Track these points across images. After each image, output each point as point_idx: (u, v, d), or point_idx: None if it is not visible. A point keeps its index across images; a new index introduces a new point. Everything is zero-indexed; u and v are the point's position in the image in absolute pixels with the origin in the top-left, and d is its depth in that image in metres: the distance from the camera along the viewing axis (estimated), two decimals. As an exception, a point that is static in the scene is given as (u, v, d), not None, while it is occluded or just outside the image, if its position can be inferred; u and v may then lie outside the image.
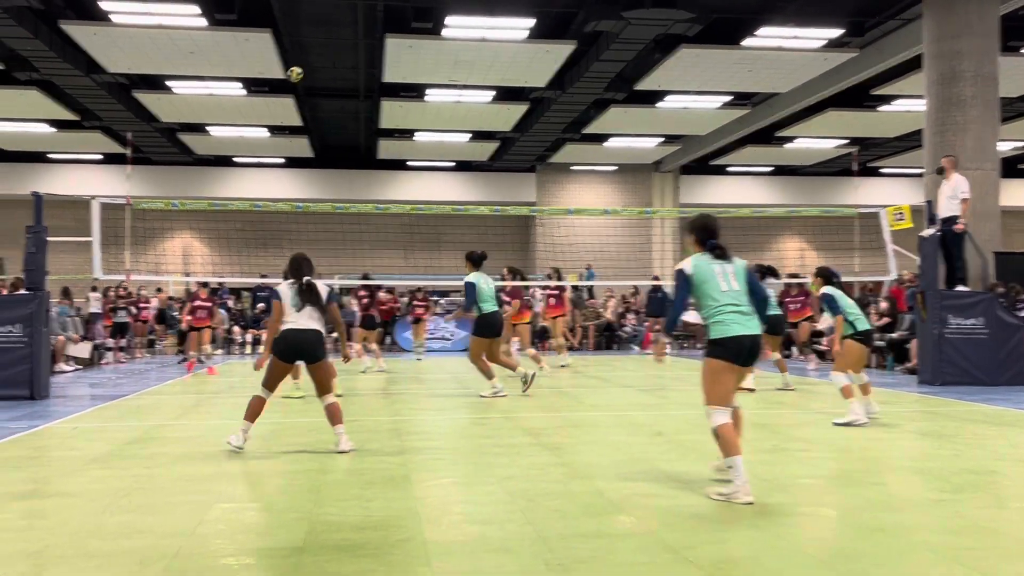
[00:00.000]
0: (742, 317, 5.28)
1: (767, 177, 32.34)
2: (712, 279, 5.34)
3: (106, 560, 4.01)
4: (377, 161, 29.35)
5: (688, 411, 9.57)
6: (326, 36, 17.94)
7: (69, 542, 4.33)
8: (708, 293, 5.34)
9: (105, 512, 4.95)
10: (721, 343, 5.27)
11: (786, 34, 17.00)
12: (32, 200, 11.78)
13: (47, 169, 28.61)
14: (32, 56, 17.97)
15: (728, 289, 5.33)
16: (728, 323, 5.25)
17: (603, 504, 5.11)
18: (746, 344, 5.26)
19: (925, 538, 4.37)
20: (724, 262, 5.41)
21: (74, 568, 3.92)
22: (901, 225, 14.09)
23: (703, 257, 5.44)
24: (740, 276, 5.41)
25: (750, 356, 5.33)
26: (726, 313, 5.28)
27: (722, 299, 5.30)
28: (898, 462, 6.57)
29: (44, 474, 6.21)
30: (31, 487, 5.69)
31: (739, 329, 5.24)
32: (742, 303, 5.32)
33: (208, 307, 16.18)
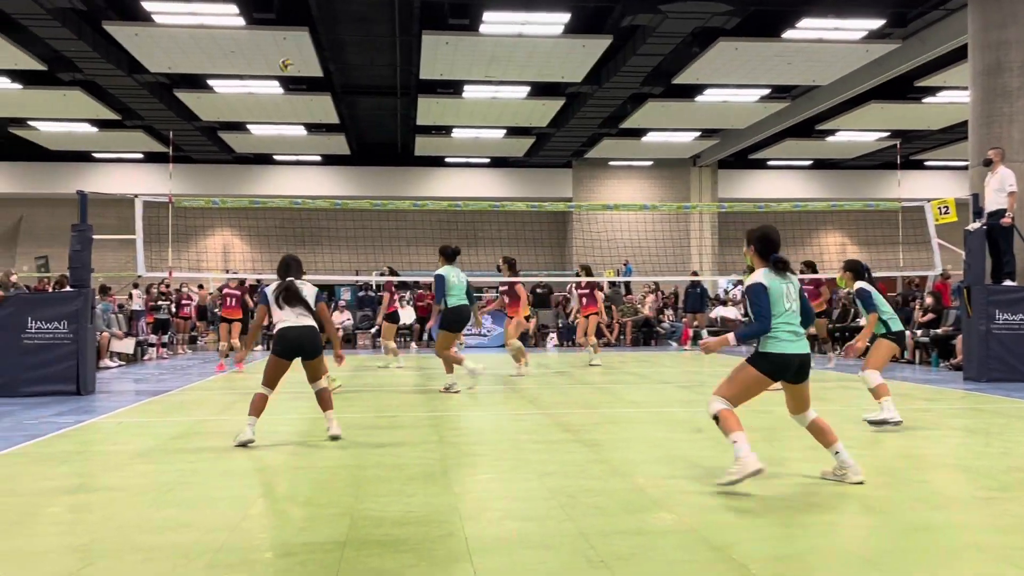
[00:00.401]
0: (794, 336, 5.38)
1: (807, 171, 31.98)
2: (780, 296, 5.40)
3: (152, 554, 4.07)
4: (414, 158, 29.48)
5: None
6: (363, 34, 18.03)
7: (115, 536, 4.40)
8: (773, 307, 5.37)
9: (150, 506, 5.01)
10: (768, 357, 5.36)
11: (827, 25, 16.78)
12: (76, 199, 11.98)
13: (90, 168, 29.13)
14: (75, 57, 18.29)
15: (789, 308, 5.40)
16: (781, 340, 5.35)
17: (643, 501, 5.08)
18: (794, 363, 5.36)
19: (973, 537, 4.29)
20: (786, 279, 5.46)
21: (120, 562, 3.98)
22: (946, 219, 13.84)
23: (771, 272, 5.45)
24: (795, 293, 5.47)
25: (797, 374, 5.42)
26: (781, 331, 5.36)
27: (782, 316, 5.37)
28: (944, 460, 6.46)
29: (90, 468, 6.32)
30: (78, 481, 5.79)
31: (790, 348, 5.34)
32: (795, 322, 5.41)
33: (237, 295, 15.89)
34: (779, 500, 5.06)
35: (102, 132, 25.26)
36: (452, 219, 28.43)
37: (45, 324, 11.09)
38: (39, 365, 10.99)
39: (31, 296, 13.04)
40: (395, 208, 14.66)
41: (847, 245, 32.43)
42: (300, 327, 7.20)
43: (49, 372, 11.00)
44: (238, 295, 15.87)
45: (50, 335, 11.09)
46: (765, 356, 5.36)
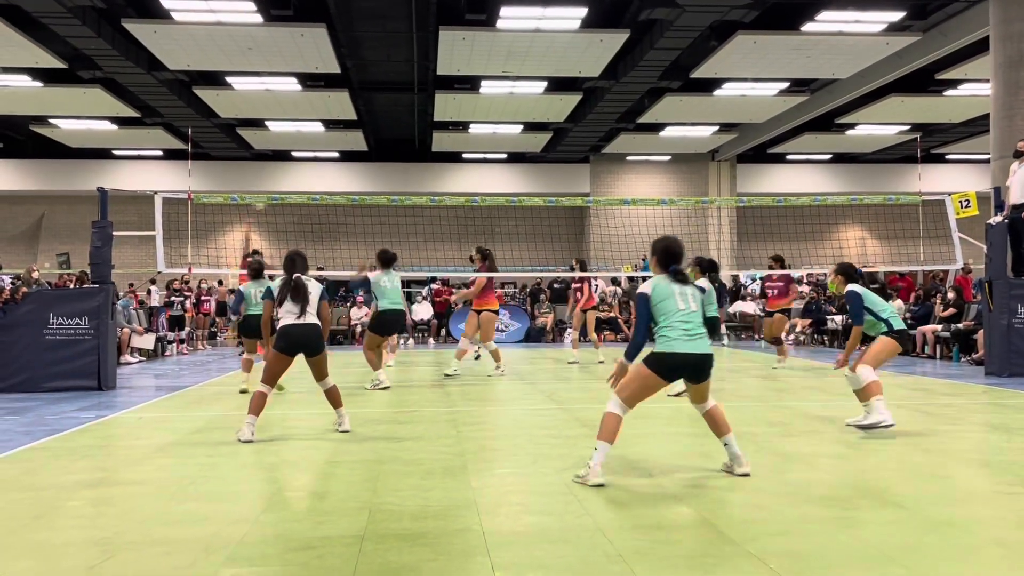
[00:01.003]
0: (688, 336, 5.44)
1: (827, 165, 31.77)
2: (671, 298, 5.53)
3: (172, 547, 4.10)
4: (431, 154, 29.52)
5: (744, 403, 9.46)
6: (380, 30, 18.06)
7: (136, 529, 4.43)
8: (665, 310, 5.50)
9: (171, 500, 5.05)
10: (661, 358, 5.44)
11: (846, 18, 16.64)
12: (96, 196, 12.08)
13: (110, 165, 29.35)
14: (95, 54, 18.42)
15: (684, 308, 5.49)
16: (673, 339, 5.42)
17: (661, 495, 5.07)
18: (689, 362, 5.43)
19: (995, 533, 4.25)
20: (683, 284, 5.60)
21: (141, 554, 4.01)
22: (967, 212, 13.72)
23: (664, 279, 5.62)
24: (697, 298, 5.62)
25: (695, 374, 5.50)
26: (676, 331, 5.44)
27: (675, 315, 5.47)
28: (965, 455, 6.40)
29: (112, 463, 6.37)
30: (99, 475, 5.84)
31: (684, 347, 5.41)
32: (693, 321, 5.49)
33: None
34: (798, 495, 5.04)
35: (122, 129, 25.45)
36: (469, 215, 28.47)
37: (66, 320, 11.19)
38: (60, 361, 11.09)
39: (52, 292, 13.16)
40: (412, 204, 14.71)
41: (867, 239, 32.22)
42: (304, 324, 7.24)
43: (70, 367, 11.10)
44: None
45: (71, 331, 11.18)
46: (658, 357, 5.44)
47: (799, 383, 11.87)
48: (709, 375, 5.58)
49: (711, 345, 5.59)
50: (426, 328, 23.21)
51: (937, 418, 8.22)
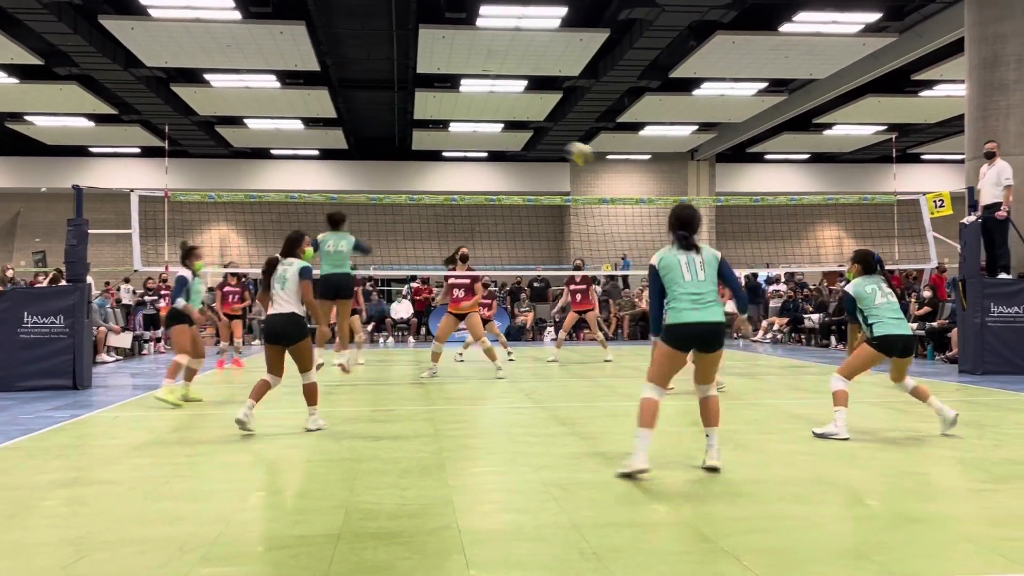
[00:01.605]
0: (696, 305, 5.43)
1: (804, 164, 31.98)
2: (676, 268, 5.53)
3: (147, 546, 4.08)
4: (411, 152, 29.46)
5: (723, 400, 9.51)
6: (360, 27, 18.00)
7: (111, 528, 4.41)
8: (672, 281, 5.53)
9: (146, 499, 5.03)
10: (670, 329, 5.49)
11: (823, 19, 16.76)
12: (72, 193, 11.98)
13: (87, 163, 29.08)
14: (72, 51, 18.25)
15: (692, 279, 5.48)
16: (681, 310, 5.44)
17: (637, 493, 5.10)
18: (694, 331, 5.43)
19: (965, 529, 4.31)
20: (690, 252, 5.57)
21: (115, 554, 3.99)
22: (942, 212, 13.87)
23: (671, 249, 5.65)
24: (708, 266, 5.56)
25: (705, 343, 5.49)
26: (683, 301, 5.46)
27: (682, 286, 5.48)
28: (938, 452, 6.48)
29: (86, 462, 6.33)
30: (74, 475, 5.80)
31: (691, 316, 5.42)
32: (702, 291, 5.46)
33: (238, 292, 15.18)
34: (773, 493, 5.08)
35: (99, 127, 25.22)
36: (449, 213, 28.44)
37: (41, 319, 11.10)
38: (35, 359, 11.00)
39: (27, 290, 13.04)
40: (392, 202, 14.68)
41: (843, 239, 32.45)
42: (276, 315, 7.32)
43: (45, 366, 11.01)
44: (239, 291, 15.28)
45: (46, 329, 11.09)
46: (668, 328, 5.48)
47: (777, 381, 11.95)
48: (721, 345, 5.55)
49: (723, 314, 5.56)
50: (406, 327, 23.18)
51: (911, 415, 8.31)
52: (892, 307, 7.07)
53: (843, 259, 30.40)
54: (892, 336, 6.96)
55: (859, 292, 7.14)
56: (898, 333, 6.98)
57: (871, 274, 7.23)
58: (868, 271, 7.24)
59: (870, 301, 7.08)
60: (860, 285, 7.17)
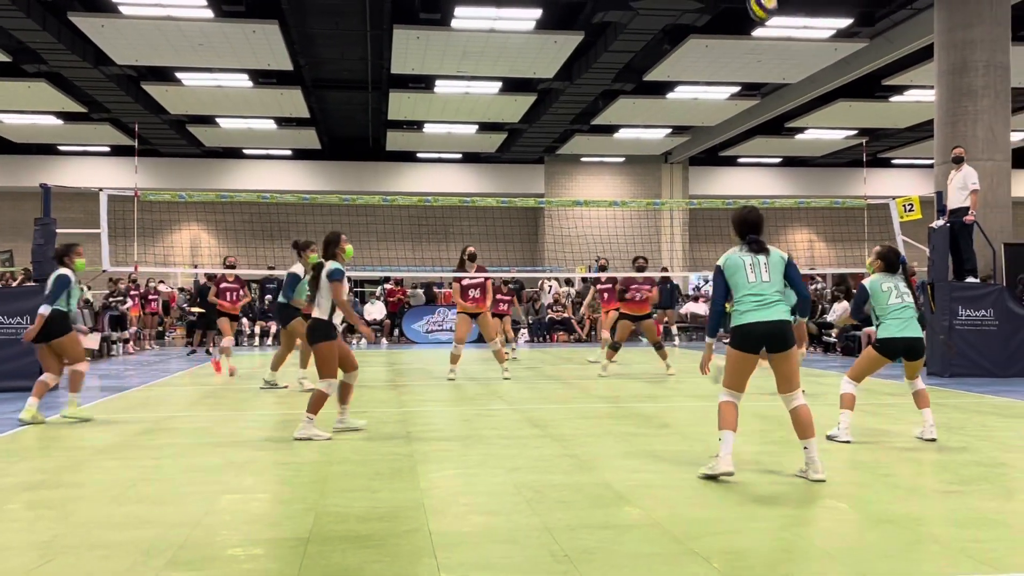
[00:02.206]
0: (759, 306, 5.42)
1: (776, 168, 32.25)
2: (741, 270, 5.53)
3: (112, 551, 4.02)
4: (385, 153, 29.36)
5: (695, 403, 9.56)
6: (334, 27, 17.92)
7: (76, 532, 4.34)
8: (737, 284, 5.54)
9: (112, 503, 4.96)
10: (736, 331, 5.48)
11: (796, 24, 16.91)
12: (40, 192, 11.81)
13: (55, 161, 28.71)
14: (40, 48, 18.01)
15: (756, 280, 5.48)
16: (744, 312, 5.44)
17: (610, 495, 5.10)
18: (758, 330, 5.39)
19: (933, 530, 4.35)
20: (757, 254, 5.57)
21: (80, 559, 3.93)
22: (911, 216, 14.01)
23: (737, 251, 5.66)
24: (773, 268, 5.55)
25: (771, 344, 5.43)
26: (746, 303, 5.46)
27: (747, 289, 5.48)
28: (907, 454, 6.54)
29: (52, 465, 6.23)
30: (39, 478, 5.71)
31: (753, 317, 5.39)
32: (765, 292, 5.45)
33: (236, 289, 14.01)
34: (744, 494, 5.10)
35: (68, 125, 24.91)
36: (423, 214, 28.38)
37: (7, 319, 10.95)
38: (1, 360, 10.82)
39: (-7, 291, 12.83)
40: (365, 203, 14.59)
41: (815, 242, 32.75)
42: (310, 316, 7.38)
43: (12, 368, 10.84)
44: (237, 288, 14.03)
45: (12, 330, 10.94)
46: (734, 331, 5.48)
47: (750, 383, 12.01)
48: (791, 345, 5.46)
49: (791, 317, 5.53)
50: (379, 328, 23.09)
51: (880, 417, 8.39)
52: (903, 309, 7.02)
53: (814, 262, 30.71)
54: (893, 339, 6.97)
55: (874, 288, 7.12)
56: (900, 336, 6.96)
57: (892, 273, 7.20)
58: (890, 270, 7.20)
59: (883, 300, 7.07)
60: (877, 282, 7.15)
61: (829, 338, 18.25)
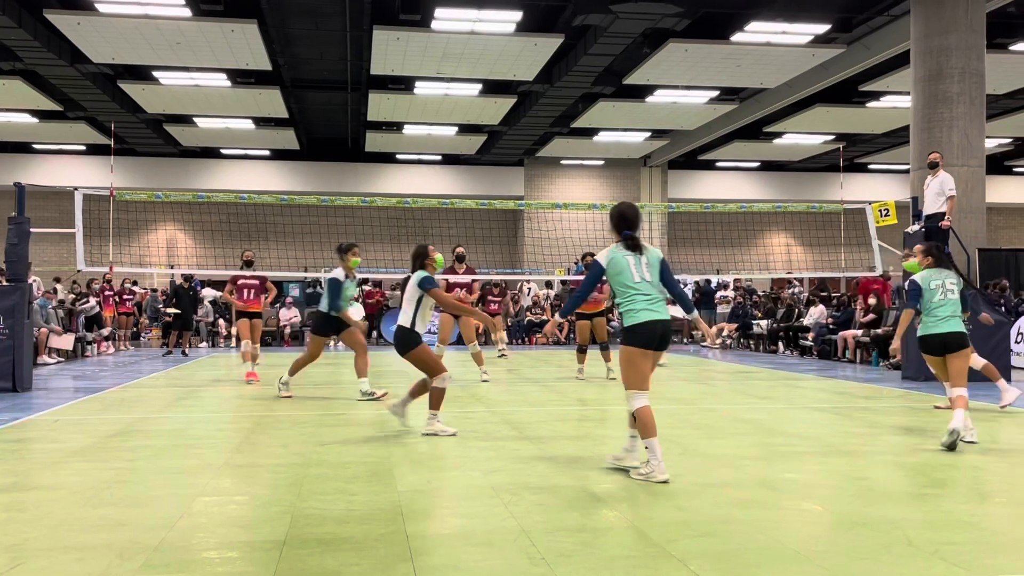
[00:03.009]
0: (651, 304, 5.59)
1: (754, 172, 32.45)
2: (626, 270, 5.65)
3: (85, 553, 3.98)
4: (364, 154, 29.28)
5: (671, 406, 9.59)
6: (313, 27, 17.85)
7: (49, 535, 4.30)
8: (623, 283, 5.65)
9: (86, 505, 4.91)
10: (634, 330, 5.59)
11: (774, 29, 17.04)
12: (14, 191, 11.68)
13: (30, 160, 28.41)
14: (15, 45, 17.82)
15: (641, 280, 5.63)
16: (639, 311, 5.57)
17: (587, 498, 5.11)
18: (658, 329, 5.58)
19: (906, 532, 4.38)
20: (638, 253, 5.71)
21: (53, 561, 3.88)
22: (886, 221, 14.14)
23: (619, 248, 5.75)
24: (652, 267, 5.71)
25: (662, 341, 5.63)
26: (638, 303, 5.59)
27: (635, 289, 5.61)
28: (881, 457, 6.59)
29: (25, 467, 6.16)
30: (11, 480, 5.64)
31: (649, 316, 5.56)
32: (650, 293, 5.63)
33: (256, 286, 12.61)
34: (720, 497, 5.13)
35: (43, 123, 24.66)
36: (402, 216, 28.33)
37: (-20, 319, 10.80)
38: (-27, 361, 10.70)
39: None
40: (344, 204, 14.55)
41: (792, 246, 32.99)
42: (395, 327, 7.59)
43: (-15, 368, 10.72)
44: (258, 285, 12.65)
45: (-14, 330, 10.80)
46: (631, 330, 5.59)
47: (726, 387, 12.08)
48: (668, 343, 5.72)
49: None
50: (357, 330, 22.97)
51: (856, 421, 8.45)
52: (943, 306, 7.25)
53: (791, 266, 30.92)
54: (928, 336, 7.28)
55: (925, 285, 7.32)
56: (934, 332, 7.22)
57: (941, 267, 7.43)
58: (939, 264, 7.38)
59: (929, 297, 7.29)
60: (927, 278, 7.32)
61: (806, 341, 18.38)
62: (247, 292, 12.54)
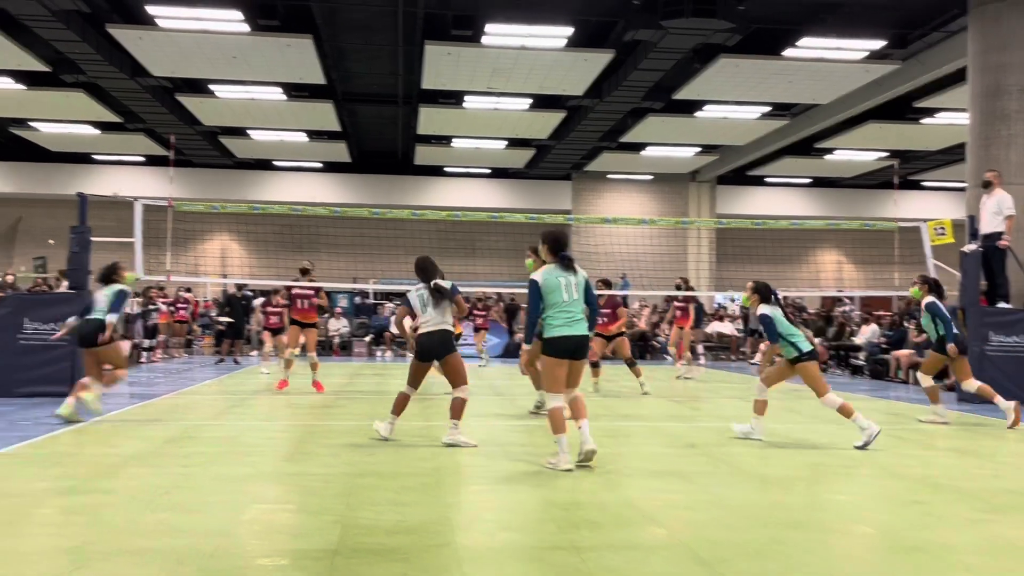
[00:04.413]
0: (571, 321, 6.44)
1: (805, 188, 32.07)
2: (558, 290, 6.49)
3: (144, 557, 4.07)
4: (414, 167, 29.53)
5: (722, 423, 9.50)
6: (366, 42, 18.09)
7: (108, 539, 4.40)
8: (553, 301, 6.48)
9: (143, 510, 5.02)
10: (550, 342, 6.46)
11: (828, 45, 16.86)
12: (75, 200, 11.98)
13: (90, 170, 29.12)
14: (79, 59, 18.32)
15: (568, 299, 6.47)
16: (557, 326, 6.43)
17: (635, 515, 5.09)
18: (571, 343, 6.43)
19: (963, 558, 4.30)
20: (569, 273, 6.54)
21: (113, 565, 3.98)
22: (942, 240, 13.88)
23: (553, 269, 6.56)
24: (579, 287, 6.56)
25: (575, 352, 6.47)
26: (559, 319, 6.44)
27: (560, 306, 6.45)
28: (937, 481, 6.47)
29: (84, 471, 6.31)
30: (70, 483, 5.79)
31: (566, 331, 6.41)
32: (573, 310, 6.46)
33: (310, 295, 12.40)
34: (771, 518, 5.07)
35: (103, 134, 25.29)
36: (451, 229, 28.42)
37: (42, 325, 11.09)
38: (35, 366, 10.98)
39: (29, 296, 13.03)
40: (394, 217, 14.68)
41: (843, 264, 32.52)
42: (432, 332, 7.65)
43: (44, 373, 10.98)
44: (311, 294, 12.46)
45: (46, 336, 11.07)
46: (549, 342, 6.45)
47: (774, 404, 11.93)
48: (586, 355, 6.60)
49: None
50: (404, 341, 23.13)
51: (910, 443, 8.30)
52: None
53: (843, 284, 30.48)
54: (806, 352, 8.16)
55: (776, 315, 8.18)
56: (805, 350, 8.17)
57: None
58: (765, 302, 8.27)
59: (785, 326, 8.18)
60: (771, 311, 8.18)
61: (857, 361, 18.09)
62: (301, 302, 12.40)
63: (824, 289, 29.23)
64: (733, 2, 15.12)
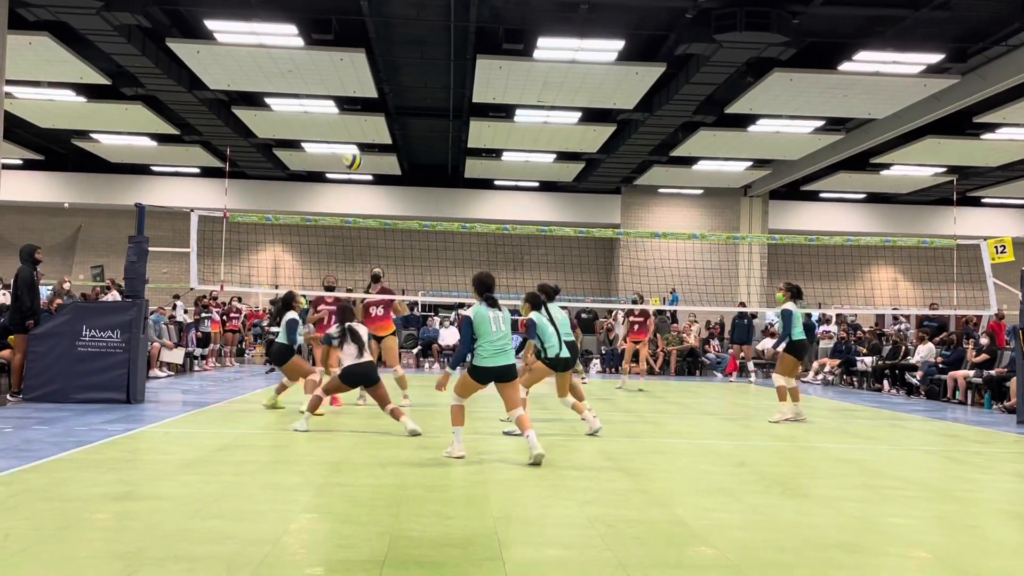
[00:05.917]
0: (498, 353, 7.42)
1: (860, 204, 31.56)
2: (487, 322, 7.45)
3: (195, 564, 4.12)
4: (464, 180, 29.68)
5: (772, 442, 9.37)
6: (418, 56, 18.25)
7: (160, 544, 4.46)
8: (483, 332, 7.44)
9: (195, 517, 5.08)
10: (475, 369, 7.46)
11: (884, 59, 16.58)
12: (133, 211, 12.23)
13: (147, 181, 29.75)
14: (138, 72, 18.75)
15: (496, 331, 7.45)
16: (485, 356, 7.40)
17: (684, 533, 5.03)
18: (493, 373, 7.43)
19: (1025, 587, 4.17)
20: (496, 310, 7.54)
21: (165, 570, 4.03)
22: (1003, 258, 13.55)
23: (482, 307, 7.52)
24: (507, 321, 7.57)
25: (500, 378, 7.46)
26: (488, 350, 7.39)
27: (490, 338, 7.40)
28: (996, 505, 6.29)
29: (137, 477, 6.42)
30: (125, 489, 5.89)
31: (490, 362, 7.41)
32: (503, 341, 7.46)
33: (385, 303, 11.92)
34: (822, 539, 4.98)
35: (161, 146, 25.83)
36: (500, 242, 28.53)
37: (99, 332, 11.33)
38: (91, 372, 11.21)
39: (87, 304, 13.34)
40: (444, 229, 14.75)
41: (900, 281, 31.93)
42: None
43: (101, 380, 11.21)
44: (386, 303, 11.91)
45: (103, 343, 11.31)
46: (474, 368, 7.46)
47: (826, 424, 11.73)
48: (515, 378, 7.54)
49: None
50: (452, 352, 23.23)
51: (967, 466, 8.09)
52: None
53: (898, 301, 29.90)
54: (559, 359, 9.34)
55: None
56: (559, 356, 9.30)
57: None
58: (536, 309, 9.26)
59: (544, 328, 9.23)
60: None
61: (913, 380, 17.72)
62: (375, 309, 11.77)
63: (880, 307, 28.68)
64: (787, 16, 14.97)
